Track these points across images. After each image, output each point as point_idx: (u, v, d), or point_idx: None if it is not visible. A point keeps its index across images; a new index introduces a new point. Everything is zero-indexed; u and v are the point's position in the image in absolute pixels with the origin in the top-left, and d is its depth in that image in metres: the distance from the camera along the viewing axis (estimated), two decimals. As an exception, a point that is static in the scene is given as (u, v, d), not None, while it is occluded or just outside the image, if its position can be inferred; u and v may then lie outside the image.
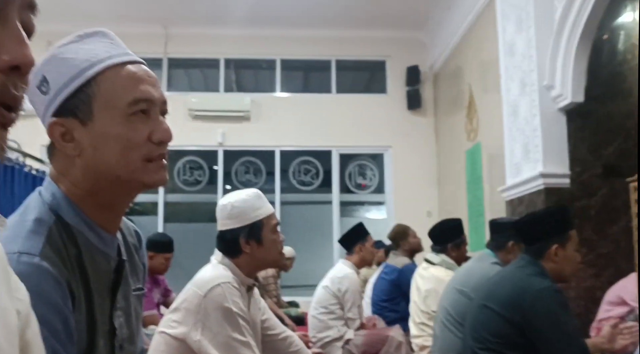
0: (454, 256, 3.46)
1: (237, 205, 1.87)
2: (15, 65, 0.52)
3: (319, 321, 3.82)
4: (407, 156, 8.45)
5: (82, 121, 0.90)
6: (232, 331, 1.69)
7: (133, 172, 0.92)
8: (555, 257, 2.21)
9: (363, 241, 4.04)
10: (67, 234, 0.89)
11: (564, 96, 4.32)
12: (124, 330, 0.98)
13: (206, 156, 8.59)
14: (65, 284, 0.82)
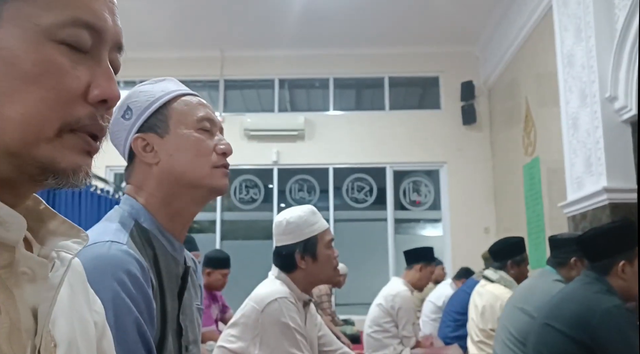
0: (514, 274, 3.35)
1: (292, 221, 1.90)
2: (104, 99, 0.58)
3: (374, 340, 3.79)
4: (462, 171, 8.31)
5: (161, 135, 1.09)
6: (289, 346, 1.71)
7: (202, 177, 1.07)
8: (623, 274, 2.12)
9: (428, 263, 3.98)
10: (144, 236, 1.03)
11: (628, 107, 4.16)
12: (189, 333, 1.06)
13: (261, 174, 8.73)
14: (147, 272, 0.95)
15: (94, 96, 0.57)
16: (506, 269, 3.38)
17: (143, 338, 0.88)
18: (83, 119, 0.57)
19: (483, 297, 3.32)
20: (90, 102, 0.57)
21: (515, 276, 3.36)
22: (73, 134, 0.56)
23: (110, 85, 0.58)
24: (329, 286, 5.85)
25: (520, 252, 3.43)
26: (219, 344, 1.85)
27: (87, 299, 0.69)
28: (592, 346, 1.97)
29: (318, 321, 2.10)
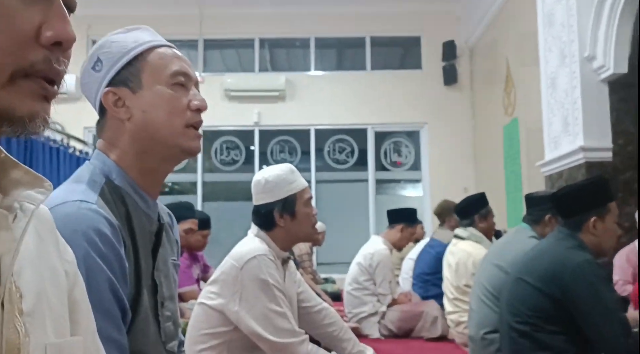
0: (482, 228, 3.45)
1: (271, 180, 1.90)
2: (58, 41, 0.55)
3: (353, 297, 3.86)
4: (443, 132, 8.35)
5: (133, 90, 1.05)
6: (268, 302, 1.73)
7: (175, 136, 1.05)
8: (594, 230, 2.16)
9: (409, 224, 4.04)
10: (116, 194, 1.00)
11: (606, 66, 4.18)
12: (164, 289, 1.06)
13: (242, 135, 8.68)
14: (119, 232, 0.93)
15: (47, 38, 0.54)
16: (474, 225, 3.47)
17: (116, 296, 0.88)
18: (37, 63, 0.54)
19: (455, 255, 3.39)
20: (44, 45, 0.54)
21: (484, 230, 3.45)
22: (28, 80, 0.54)
23: (63, 25, 0.55)
24: (309, 244, 5.92)
25: (484, 205, 3.52)
26: (199, 301, 1.87)
27: (57, 248, 0.68)
28: (563, 300, 2.03)
29: (297, 278, 2.13)
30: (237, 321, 1.75)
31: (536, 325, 2.09)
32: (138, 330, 0.95)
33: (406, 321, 3.70)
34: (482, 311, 2.75)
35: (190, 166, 8.64)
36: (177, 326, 1.11)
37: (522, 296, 2.17)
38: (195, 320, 1.85)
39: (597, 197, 2.21)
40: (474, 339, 2.81)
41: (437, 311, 3.63)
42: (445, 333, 3.58)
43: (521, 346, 2.12)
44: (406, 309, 3.75)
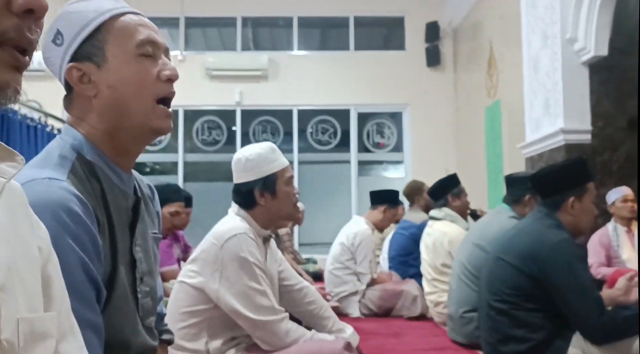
0: (456, 207, 3.49)
1: (251, 158, 1.88)
2: (30, 9, 0.53)
3: (335, 277, 3.88)
4: (425, 113, 8.36)
5: (97, 64, 0.98)
6: (248, 280, 1.73)
7: (145, 114, 0.99)
8: (572, 209, 2.19)
9: (392, 206, 4.06)
10: (89, 169, 0.97)
11: (587, 49, 4.20)
12: (143, 264, 1.04)
13: (224, 115, 8.61)
14: (92, 209, 0.89)
15: (18, 6, 0.52)
16: (448, 205, 3.50)
17: (89, 276, 0.85)
18: (8, 32, 0.52)
19: (432, 236, 3.43)
20: (16, 12, 0.53)
21: (458, 209, 3.49)
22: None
23: None
24: (290, 224, 5.94)
25: (456, 185, 3.56)
26: (179, 279, 1.86)
27: (30, 223, 0.66)
28: (540, 278, 2.07)
29: (278, 257, 2.13)
30: (217, 299, 1.75)
31: (514, 303, 2.12)
32: (114, 308, 0.93)
33: (386, 300, 3.73)
34: (461, 290, 2.79)
35: (171, 146, 8.57)
36: (155, 302, 1.10)
37: (501, 275, 2.19)
38: (175, 298, 1.84)
39: (576, 178, 2.24)
40: (453, 318, 2.85)
41: (417, 290, 3.67)
42: (424, 312, 3.62)
43: (499, 323, 2.15)
44: (386, 289, 3.78)
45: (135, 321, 1.00)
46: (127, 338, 0.96)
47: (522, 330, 2.08)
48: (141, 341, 1.00)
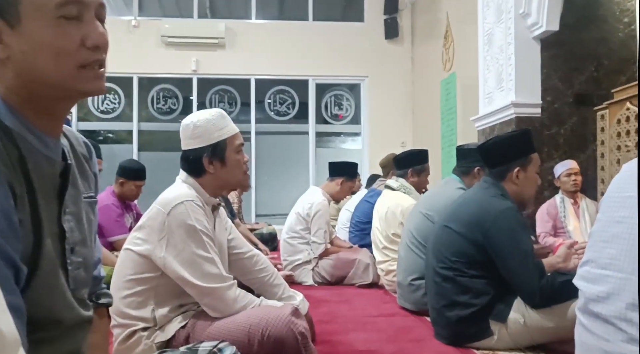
0: (413, 182, 3.52)
1: (200, 125, 1.84)
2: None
3: (289, 245, 3.91)
4: (383, 86, 8.39)
5: (10, 24, 0.85)
6: (195, 248, 1.72)
7: (67, 80, 0.88)
8: (517, 179, 2.26)
9: (349, 178, 4.07)
10: (6, 136, 0.86)
11: (539, 24, 4.28)
12: (75, 234, 0.97)
13: (180, 84, 8.43)
14: (5, 181, 0.81)
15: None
16: (407, 178, 3.54)
17: (3, 256, 0.77)
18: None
19: (384, 205, 3.46)
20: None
21: (415, 184, 3.53)
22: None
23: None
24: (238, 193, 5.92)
25: (422, 162, 3.58)
26: (125, 247, 1.83)
27: None
28: (484, 245, 2.13)
29: (228, 225, 2.12)
30: (164, 266, 1.73)
31: (459, 270, 2.19)
32: (40, 284, 0.86)
33: (339, 269, 3.78)
34: (409, 258, 2.85)
35: (126, 115, 8.36)
36: (90, 272, 1.04)
37: (446, 242, 2.25)
38: (120, 266, 1.81)
39: (521, 148, 2.30)
40: (402, 285, 2.92)
41: (369, 259, 3.72)
42: (376, 280, 3.69)
43: (444, 289, 2.22)
44: (339, 257, 3.83)
45: (65, 295, 0.93)
46: (57, 314, 0.91)
47: (466, 296, 2.16)
48: (74, 315, 0.95)
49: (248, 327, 1.66)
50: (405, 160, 3.61)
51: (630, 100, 3.26)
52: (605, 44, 4.47)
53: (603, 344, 1.22)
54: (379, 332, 2.44)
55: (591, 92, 4.40)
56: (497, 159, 2.30)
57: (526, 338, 2.12)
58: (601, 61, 4.47)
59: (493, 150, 2.32)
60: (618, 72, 4.45)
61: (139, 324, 1.76)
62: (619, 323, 1.18)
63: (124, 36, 7.91)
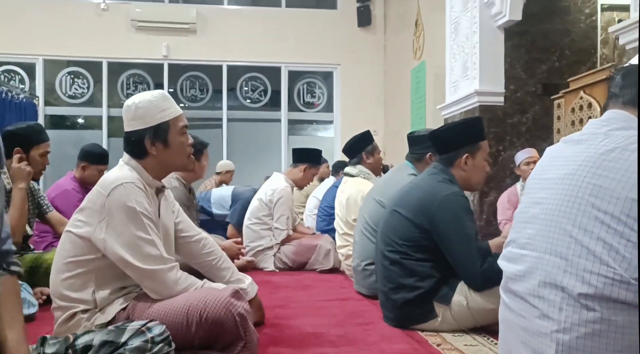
0: (370, 164, 3.56)
1: (141, 106, 1.82)
2: None
3: (252, 231, 3.91)
4: (355, 74, 8.40)
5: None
6: (136, 230, 1.71)
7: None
8: (465, 165, 2.29)
9: (313, 165, 4.08)
10: None
11: (502, 13, 4.32)
12: None
13: (151, 69, 8.33)
14: None
15: None
16: (362, 162, 3.57)
17: None
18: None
19: (345, 192, 3.49)
20: None
21: (372, 166, 3.56)
22: None
23: None
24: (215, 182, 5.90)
25: (369, 142, 3.62)
26: (66, 229, 1.81)
27: None
28: (430, 229, 2.16)
29: (176, 208, 2.11)
30: (104, 248, 1.72)
31: (405, 253, 2.22)
32: None
33: (300, 255, 3.80)
34: (363, 243, 2.88)
35: (96, 100, 8.24)
36: None
37: (394, 226, 2.28)
38: (61, 248, 1.80)
39: (470, 136, 2.33)
40: (357, 270, 2.95)
41: (330, 245, 3.75)
42: (337, 266, 3.72)
43: (392, 273, 2.25)
44: (301, 243, 3.85)
45: None
46: None
47: (412, 279, 2.19)
48: None
49: (186, 309, 1.67)
50: (355, 145, 3.64)
51: (584, 89, 3.32)
52: (567, 35, 4.53)
53: (520, 321, 1.26)
54: (329, 316, 2.47)
55: (553, 81, 4.47)
56: (447, 146, 2.33)
57: (469, 319, 2.16)
58: (563, 52, 4.54)
59: (443, 136, 2.35)
60: (579, 62, 4.52)
61: (79, 307, 1.75)
62: (532, 299, 1.21)
63: (92, 20, 7.79)
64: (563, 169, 1.24)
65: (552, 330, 1.15)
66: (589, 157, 1.19)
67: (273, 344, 2.01)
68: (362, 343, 2.04)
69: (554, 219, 1.20)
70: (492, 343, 2.01)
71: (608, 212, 1.11)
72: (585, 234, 1.13)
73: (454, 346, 1.99)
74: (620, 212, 1.09)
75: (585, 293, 1.10)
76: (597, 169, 1.16)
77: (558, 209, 1.20)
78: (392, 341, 2.06)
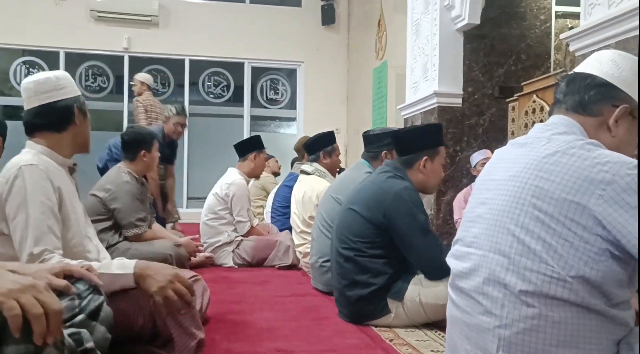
0: (326, 164, 3.60)
1: (61, 76, 1.76)
2: None
3: (209, 227, 3.89)
4: (319, 72, 8.43)
5: None
6: (38, 214, 1.62)
7: None
8: (424, 168, 2.35)
9: (259, 150, 4.08)
10: None
11: (462, 16, 4.40)
12: None
13: (111, 61, 8.17)
14: None
15: None
16: (319, 161, 3.61)
17: None
18: None
19: (301, 189, 3.52)
20: None
21: (328, 166, 3.60)
22: None
23: None
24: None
25: (330, 143, 3.66)
26: None
27: None
28: (385, 224, 2.21)
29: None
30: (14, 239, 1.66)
31: (360, 250, 2.26)
32: None
33: (260, 250, 3.80)
34: (320, 241, 2.91)
35: (53, 91, 8.02)
36: None
37: (349, 224, 2.32)
38: None
39: (431, 140, 2.39)
40: (314, 267, 2.98)
41: (289, 241, 3.77)
42: (296, 262, 3.74)
43: (346, 269, 2.28)
44: (261, 239, 3.86)
45: None
46: None
47: (365, 275, 2.23)
48: None
49: None
50: (315, 144, 3.67)
51: (537, 93, 3.43)
52: (523, 40, 4.66)
53: (465, 317, 1.30)
54: (285, 312, 2.49)
55: (510, 85, 4.59)
56: (408, 148, 2.38)
57: (421, 315, 2.22)
58: (520, 56, 4.66)
59: (405, 138, 2.40)
60: (534, 67, 4.66)
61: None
62: (477, 296, 1.26)
63: (50, 8, 7.58)
64: (508, 171, 1.29)
65: (495, 326, 1.20)
66: (532, 160, 1.24)
67: (227, 340, 2.02)
68: (314, 338, 2.07)
69: (498, 218, 1.25)
70: (442, 338, 2.07)
71: (548, 213, 1.16)
72: (526, 234, 1.18)
73: (405, 341, 2.04)
74: (559, 213, 1.15)
75: (526, 290, 1.15)
76: (540, 172, 1.21)
77: (502, 210, 1.25)
78: (345, 336, 2.10)
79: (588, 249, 1.12)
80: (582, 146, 1.20)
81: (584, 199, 1.13)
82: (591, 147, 1.20)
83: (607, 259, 1.12)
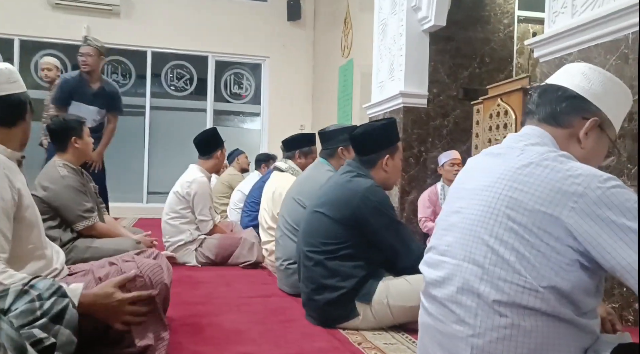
0: (300, 163, 3.59)
1: (12, 69, 1.70)
2: None
3: (171, 226, 3.81)
4: (284, 68, 8.39)
5: None
6: None
7: None
8: (386, 166, 2.37)
9: (220, 147, 4.01)
10: None
11: (428, 18, 4.45)
12: None
13: (69, 50, 7.91)
14: None
15: None
16: (294, 159, 3.60)
17: None
18: None
19: (272, 186, 3.50)
20: None
21: (302, 166, 3.59)
22: None
23: None
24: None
25: (309, 145, 3.65)
26: None
27: None
28: (355, 224, 2.20)
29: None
30: None
31: (329, 253, 2.25)
32: None
33: (224, 248, 3.75)
34: (284, 243, 2.90)
35: (7, 80, 7.73)
36: None
37: (317, 227, 2.31)
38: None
39: (389, 138, 2.40)
40: (279, 270, 2.96)
41: (254, 238, 3.73)
42: (260, 260, 3.70)
43: (314, 273, 2.27)
44: (224, 236, 3.81)
45: None
46: None
47: (334, 279, 2.22)
48: None
49: None
50: (294, 142, 3.66)
51: (501, 97, 3.49)
52: (487, 43, 4.74)
53: (438, 325, 1.31)
54: (251, 313, 2.47)
55: (474, 87, 4.67)
56: (369, 148, 2.38)
57: (388, 317, 2.23)
58: (484, 59, 4.75)
59: (365, 139, 2.40)
60: (497, 70, 4.75)
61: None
62: (451, 305, 1.27)
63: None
64: (482, 181, 1.30)
65: (468, 335, 1.21)
66: (506, 171, 1.26)
67: (193, 343, 1.98)
68: (282, 341, 2.05)
69: (472, 228, 1.26)
70: (410, 341, 2.09)
71: (522, 224, 1.18)
72: (500, 244, 1.20)
73: (374, 345, 2.05)
74: (532, 224, 1.17)
75: (499, 300, 1.17)
76: (513, 183, 1.22)
77: (476, 219, 1.26)
78: (312, 339, 2.09)
79: (559, 259, 1.15)
80: (555, 158, 1.23)
81: (556, 210, 1.15)
82: (564, 160, 1.22)
83: (577, 270, 1.15)
